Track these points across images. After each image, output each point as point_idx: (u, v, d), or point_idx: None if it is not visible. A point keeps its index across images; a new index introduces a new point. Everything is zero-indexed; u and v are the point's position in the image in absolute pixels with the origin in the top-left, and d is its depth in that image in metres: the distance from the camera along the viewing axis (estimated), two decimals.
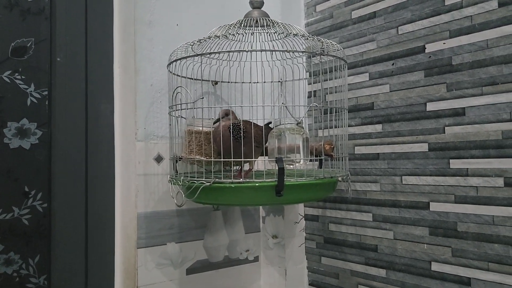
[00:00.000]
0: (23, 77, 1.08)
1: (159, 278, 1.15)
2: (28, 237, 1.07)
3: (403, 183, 1.09)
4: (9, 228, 1.05)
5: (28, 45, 1.09)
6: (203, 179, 0.92)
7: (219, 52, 0.96)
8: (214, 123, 1.02)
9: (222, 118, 0.99)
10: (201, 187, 0.91)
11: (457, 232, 0.99)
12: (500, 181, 0.92)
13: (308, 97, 1.31)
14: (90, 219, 1.12)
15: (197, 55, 0.95)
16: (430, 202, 1.04)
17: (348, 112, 1.12)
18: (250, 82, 1.19)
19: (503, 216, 0.92)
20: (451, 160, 1.00)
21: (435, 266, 1.03)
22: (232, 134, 0.96)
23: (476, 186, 0.96)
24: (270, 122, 1.10)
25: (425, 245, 1.04)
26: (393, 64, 1.11)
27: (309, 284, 1.32)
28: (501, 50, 0.93)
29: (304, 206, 1.33)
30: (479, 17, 0.96)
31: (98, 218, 1.12)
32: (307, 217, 1.33)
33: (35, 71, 1.09)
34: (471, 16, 0.97)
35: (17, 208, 1.06)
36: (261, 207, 1.37)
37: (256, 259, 1.35)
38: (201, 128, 1.08)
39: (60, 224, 1.09)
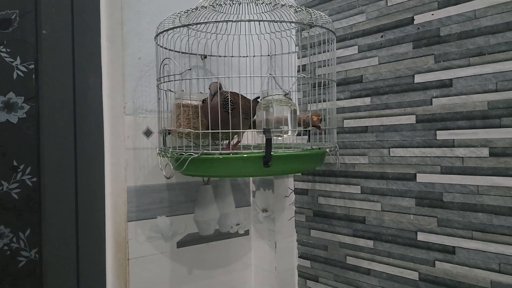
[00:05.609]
0: (8, 50, 1.06)
1: (150, 250, 1.16)
2: (18, 211, 1.08)
3: (390, 155, 1.10)
4: None
5: (13, 17, 1.07)
6: (192, 151, 0.92)
7: (206, 23, 0.95)
8: (212, 98, 0.96)
9: (216, 92, 0.96)
10: (189, 159, 0.91)
11: (442, 202, 1.00)
12: (485, 151, 0.93)
13: (297, 71, 1.31)
14: (80, 193, 1.13)
15: (184, 25, 0.94)
16: (417, 174, 1.05)
17: (336, 85, 1.12)
18: (239, 56, 1.19)
19: (487, 185, 0.93)
20: (438, 132, 1.01)
21: (421, 236, 1.04)
22: (223, 106, 0.96)
23: (462, 157, 0.97)
24: (258, 97, 1.10)
25: (412, 215, 1.06)
26: (382, 37, 1.11)
27: (298, 257, 1.34)
28: (488, 20, 0.92)
29: (294, 180, 1.34)
30: None
31: (88, 192, 1.13)
32: (296, 191, 1.34)
33: (21, 44, 1.07)
34: None
35: (6, 182, 1.06)
36: (251, 181, 1.38)
37: (247, 232, 1.37)
38: (189, 102, 1.07)
39: (50, 198, 1.09)
